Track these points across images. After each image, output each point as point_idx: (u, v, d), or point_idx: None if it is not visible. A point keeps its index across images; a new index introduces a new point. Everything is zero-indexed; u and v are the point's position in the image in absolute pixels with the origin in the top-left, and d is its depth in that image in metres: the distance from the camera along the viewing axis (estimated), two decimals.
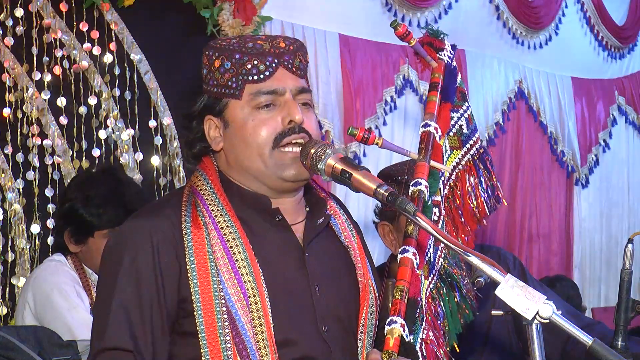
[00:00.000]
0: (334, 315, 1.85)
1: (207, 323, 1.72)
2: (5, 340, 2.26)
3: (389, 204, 1.67)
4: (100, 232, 2.89)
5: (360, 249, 1.96)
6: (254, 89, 1.82)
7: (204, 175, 1.88)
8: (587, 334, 1.52)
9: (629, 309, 2.32)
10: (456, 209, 2.18)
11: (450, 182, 2.18)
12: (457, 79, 2.22)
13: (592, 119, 6.30)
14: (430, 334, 1.96)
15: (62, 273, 2.89)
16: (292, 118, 1.80)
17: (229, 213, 1.81)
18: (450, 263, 2.08)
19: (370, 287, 1.92)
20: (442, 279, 2.06)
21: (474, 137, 2.23)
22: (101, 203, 2.90)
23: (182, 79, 4.04)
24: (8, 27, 3.55)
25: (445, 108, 2.16)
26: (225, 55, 1.84)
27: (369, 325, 1.90)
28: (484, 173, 2.23)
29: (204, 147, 1.90)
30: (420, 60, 2.21)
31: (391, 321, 1.82)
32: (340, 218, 1.98)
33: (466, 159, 2.21)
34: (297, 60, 1.86)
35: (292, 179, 1.82)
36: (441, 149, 2.12)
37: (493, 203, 2.24)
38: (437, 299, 2.03)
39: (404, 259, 1.90)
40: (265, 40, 1.86)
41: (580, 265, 6.18)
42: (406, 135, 4.94)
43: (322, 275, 1.86)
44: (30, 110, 3.58)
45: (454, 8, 5.27)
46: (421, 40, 2.16)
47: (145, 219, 1.83)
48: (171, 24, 4.04)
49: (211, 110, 1.88)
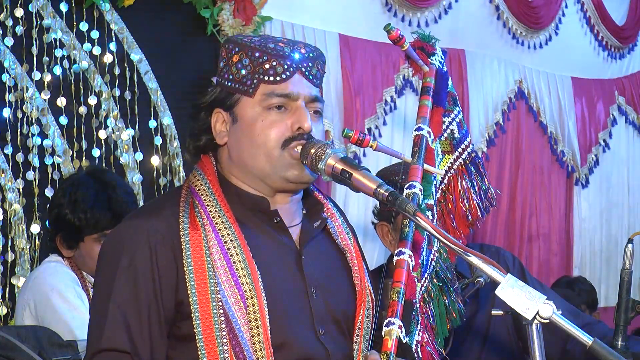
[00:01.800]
0: (331, 318, 1.85)
1: (205, 326, 1.72)
2: (5, 340, 2.26)
3: (389, 204, 1.67)
4: (91, 237, 2.87)
5: (356, 252, 1.96)
6: (268, 89, 1.81)
7: (203, 175, 1.87)
8: (587, 333, 1.52)
9: (629, 309, 2.33)
10: (448, 213, 2.20)
11: (442, 186, 2.19)
12: (449, 84, 2.24)
13: (592, 119, 6.30)
14: (426, 335, 1.97)
15: (60, 274, 2.88)
16: (301, 125, 1.80)
17: (226, 214, 1.81)
18: (441, 267, 2.09)
19: (366, 290, 1.91)
20: (432, 282, 2.07)
21: (465, 141, 2.25)
22: (87, 207, 2.86)
23: (182, 79, 4.05)
24: (8, 27, 3.54)
25: (437, 112, 2.18)
26: (245, 52, 1.83)
27: (365, 328, 1.90)
28: (476, 176, 2.24)
29: (208, 139, 1.89)
30: (412, 65, 2.23)
31: (389, 322, 1.82)
32: (337, 221, 1.98)
33: (458, 163, 2.23)
34: (315, 69, 1.86)
35: (294, 179, 1.82)
36: (434, 153, 2.13)
37: (486, 206, 2.24)
38: (427, 302, 2.04)
39: (400, 260, 1.91)
40: (287, 43, 1.86)
41: (580, 265, 6.18)
42: (406, 135, 4.94)
43: (318, 277, 1.85)
44: (30, 110, 3.58)
45: (454, 8, 5.27)
46: (413, 45, 2.17)
47: (143, 219, 1.82)
48: (171, 24, 4.04)
49: (221, 103, 1.87)
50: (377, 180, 1.71)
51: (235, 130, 1.85)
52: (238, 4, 4.07)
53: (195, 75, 4.07)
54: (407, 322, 1.88)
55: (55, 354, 2.37)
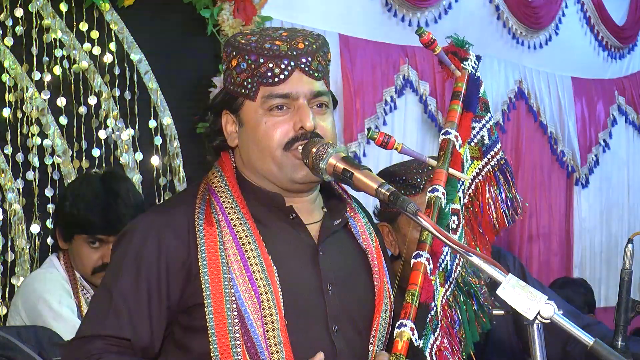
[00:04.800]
0: (347, 316, 1.84)
1: (217, 320, 1.73)
2: (5, 340, 2.26)
3: (390, 204, 1.67)
4: (80, 237, 2.85)
5: (378, 253, 1.95)
6: (268, 91, 1.80)
7: (221, 173, 1.89)
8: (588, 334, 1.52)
9: (629, 309, 2.32)
10: (475, 219, 2.18)
11: (470, 192, 2.17)
12: (480, 90, 2.20)
13: (592, 119, 6.30)
14: (445, 341, 1.96)
15: (49, 281, 2.86)
16: (303, 125, 1.79)
17: (242, 211, 1.81)
18: (468, 271, 2.08)
19: (385, 292, 1.91)
20: (459, 287, 2.06)
21: (495, 148, 2.22)
22: (81, 206, 2.85)
23: (182, 79, 4.05)
24: (8, 27, 3.54)
25: (466, 117, 2.14)
26: (242, 56, 1.82)
27: (381, 330, 1.89)
28: (504, 184, 2.22)
29: (222, 140, 1.91)
30: (444, 69, 2.19)
31: (401, 324, 1.82)
32: (360, 221, 1.97)
33: (486, 170, 2.20)
34: (316, 62, 1.83)
35: (301, 180, 1.82)
36: (461, 158, 2.10)
37: (512, 214, 2.23)
38: (453, 307, 2.02)
39: (417, 263, 1.90)
40: (285, 39, 1.82)
41: (580, 265, 6.18)
42: (406, 136, 4.94)
43: (336, 275, 1.85)
44: (30, 110, 3.58)
45: (454, 8, 5.27)
46: (446, 49, 2.15)
47: (158, 214, 1.86)
48: (171, 24, 4.04)
49: (228, 106, 1.87)
50: (379, 179, 1.71)
51: (242, 133, 1.86)
52: (238, 4, 4.06)
53: (195, 75, 4.07)
54: (422, 325, 1.87)
55: (55, 354, 2.37)
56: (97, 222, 2.81)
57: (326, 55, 1.87)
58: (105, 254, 2.81)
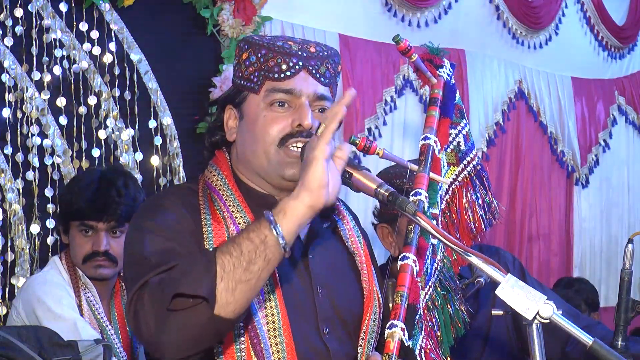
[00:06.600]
0: (337, 318, 1.85)
1: None
2: (6, 340, 2.25)
3: (389, 204, 1.67)
4: (74, 224, 2.85)
5: (366, 256, 1.97)
6: (272, 86, 1.82)
7: (218, 171, 1.89)
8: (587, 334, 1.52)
9: (629, 309, 2.32)
10: (452, 224, 2.20)
11: (447, 198, 2.20)
12: (456, 96, 2.24)
13: (592, 119, 6.30)
14: (429, 342, 1.97)
15: (49, 283, 2.84)
16: (301, 122, 1.80)
17: (244, 209, 1.83)
18: (445, 276, 2.09)
19: (374, 294, 1.92)
20: (437, 291, 2.07)
21: (471, 154, 2.25)
22: (75, 190, 2.85)
23: (182, 79, 4.05)
24: (8, 27, 3.54)
25: (444, 123, 2.18)
26: (253, 50, 1.85)
27: (370, 332, 1.90)
28: (481, 189, 2.25)
29: (223, 135, 1.92)
30: (420, 76, 2.22)
31: (392, 325, 1.83)
32: (349, 224, 1.98)
33: (463, 175, 2.23)
34: (324, 68, 1.85)
35: (290, 178, 1.82)
36: (440, 162, 2.14)
37: (489, 219, 2.25)
38: (432, 310, 2.04)
39: (404, 265, 1.91)
40: (298, 42, 1.86)
41: (580, 265, 6.18)
42: (406, 136, 4.94)
43: (325, 277, 1.86)
44: (30, 110, 3.58)
45: (454, 8, 5.28)
46: (422, 57, 2.17)
47: (174, 194, 1.86)
48: (171, 24, 4.04)
49: (232, 100, 1.89)
50: (378, 180, 1.71)
51: (241, 126, 1.87)
52: (238, 4, 4.07)
53: (195, 75, 4.07)
54: (410, 326, 1.89)
55: (55, 354, 2.37)
56: (84, 206, 2.80)
57: (336, 66, 1.89)
58: (96, 242, 2.81)
